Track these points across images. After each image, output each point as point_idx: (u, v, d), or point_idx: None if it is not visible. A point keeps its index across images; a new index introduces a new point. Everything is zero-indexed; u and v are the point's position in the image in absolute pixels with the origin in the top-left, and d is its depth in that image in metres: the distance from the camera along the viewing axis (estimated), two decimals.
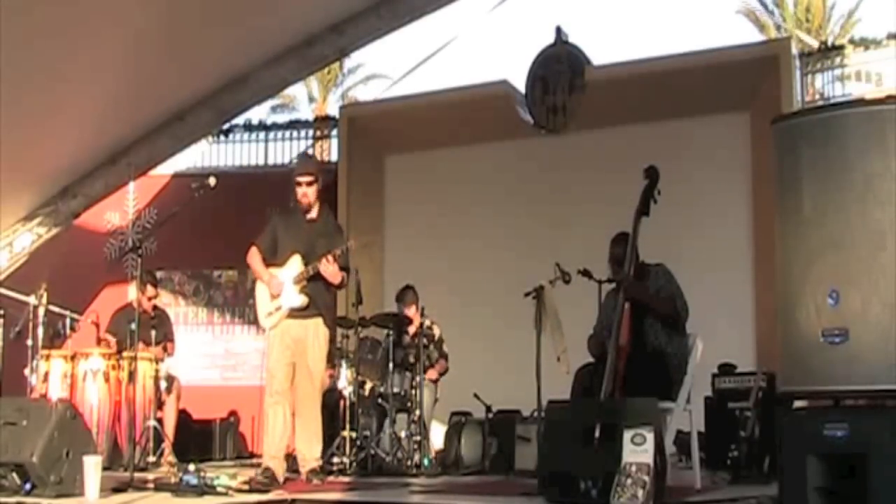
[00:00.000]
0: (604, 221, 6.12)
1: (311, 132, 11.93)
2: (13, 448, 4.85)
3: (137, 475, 5.59)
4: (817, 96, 9.57)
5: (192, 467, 5.23)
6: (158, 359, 7.78)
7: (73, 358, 7.46)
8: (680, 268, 5.84)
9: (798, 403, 4.03)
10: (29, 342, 7.18)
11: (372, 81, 23.20)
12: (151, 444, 7.34)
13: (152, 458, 7.28)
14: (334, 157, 11.30)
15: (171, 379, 7.88)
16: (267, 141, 11.62)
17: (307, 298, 5.98)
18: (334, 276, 5.96)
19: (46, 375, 7.34)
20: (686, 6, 38.70)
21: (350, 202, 10.40)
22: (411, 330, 7.78)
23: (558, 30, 10.28)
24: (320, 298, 6.06)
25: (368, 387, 7.75)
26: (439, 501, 5.25)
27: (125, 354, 7.44)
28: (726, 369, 7.35)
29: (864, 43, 9.53)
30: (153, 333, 7.69)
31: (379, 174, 11.04)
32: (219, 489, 5.09)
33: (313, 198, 6.11)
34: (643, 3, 37.89)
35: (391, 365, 7.49)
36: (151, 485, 5.38)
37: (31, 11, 6.63)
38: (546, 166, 10.00)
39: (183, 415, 8.29)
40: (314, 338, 6.03)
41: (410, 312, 8.00)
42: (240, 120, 11.17)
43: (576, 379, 5.70)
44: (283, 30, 8.78)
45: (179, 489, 5.05)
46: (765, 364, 7.14)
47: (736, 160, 9.17)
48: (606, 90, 9.53)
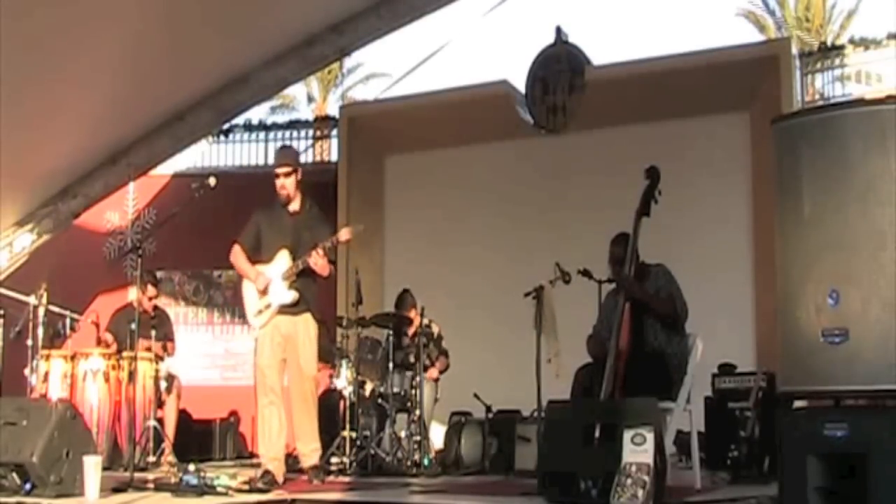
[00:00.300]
0: (604, 222, 6.11)
1: (311, 132, 11.93)
2: (13, 448, 4.85)
3: (137, 475, 5.59)
4: (817, 96, 9.58)
5: (192, 467, 5.23)
6: (158, 356, 7.78)
7: (73, 358, 7.47)
8: (680, 268, 5.84)
9: (798, 403, 4.02)
10: (29, 342, 7.18)
11: (372, 80, 23.21)
12: (151, 444, 7.34)
13: (152, 458, 7.28)
14: (334, 157, 11.31)
15: (172, 379, 7.88)
16: (267, 141, 11.62)
17: (297, 294, 5.92)
18: (324, 269, 5.89)
19: (46, 375, 7.35)
20: (686, 6, 38.74)
21: (350, 202, 10.40)
22: (411, 330, 7.78)
23: (558, 30, 10.29)
24: (309, 293, 6.00)
25: (368, 387, 7.76)
26: (439, 501, 5.25)
27: (125, 354, 7.45)
28: (726, 369, 7.35)
29: (864, 43, 9.53)
30: (153, 333, 7.70)
31: (379, 174, 11.04)
32: (219, 489, 5.09)
33: (292, 189, 6.02)
34: (643, 3, 37.90)
35: (391, 365, 7.49)
36: (151, 485, 5.37)
37: (32, 12, 6.63)
38: (546, 166, 10.00)
39: (183, 415, 8.28)
40: (304, 333, 5.98)
41: (412, 316, 7.99)
42: (240, 120, 11.18)
43: (576, 379, 5.70)
44: (283, 30, 8.78)
45: (179, 489, 5.06)
46: (765, 364, 7.14)
47: (736, 160, 9.17)
48: (606, 90, 9.53)
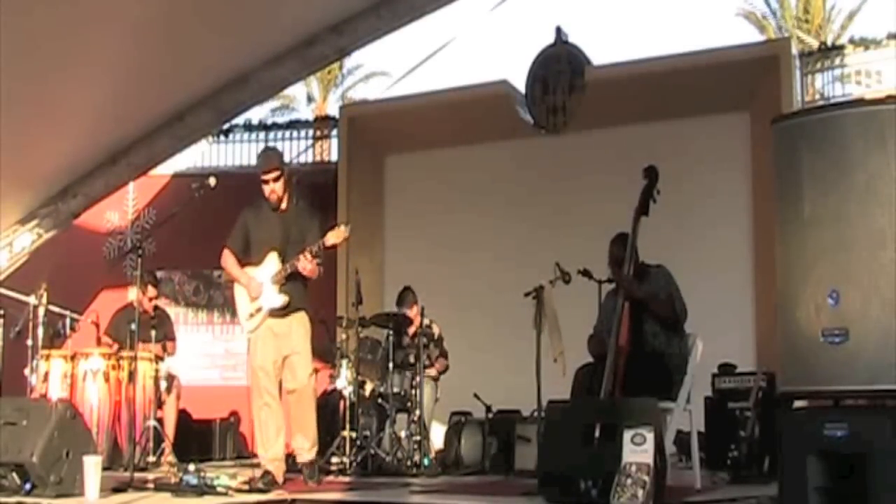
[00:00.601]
0: (604, 221, 6.11)
1: (311, 132, 11.93)
2: (13, 448, 4.85)
3: (137, 475, 5.59)
4: (817, 96, 9.57)
5: (192, 467, 5.24)
6: (158, 356, 7.78)
7: (73, 358, 7.47)
8: (680, 268, 5.84)
9: (798, 403, 4.02)
10: (29, 342, 7.18)
11: (372, 80, 23.24)
12: (151, 444, 7.34)
13: (152, 458, 7.28)
14: (334, 157, 11.31)
15: (172, 379, 7.88)
16: (267, 141, 11.61)
17: (287, 298, 5.86)
18: (312, 273, 5.85)
19: (46, 375, 7.35)
20: (686, 6, 38.73)
21: (350, 202, 10.41)
22: (411, 330, 7.78)
23: (558, 30, 10.29)
24: (299, 294, 5.94)
25: (368, 387, 7.76)
26: (439, 501, 5.26)
27: (125, 354, 7.44)
28: (726, 369, 7.35)
29: (864, 43, 9.52)
30: (153, 333, 7.70)
31: (379, 174, 11.04)
32: (219, 489, 5.09)
33: (281, 192, 5.99)
34: (643, 3, 37.90)
35: (391, 365, 7.49)
36: (151, 485, 5.38)
37: (32, 11, 6.63)
38: (546, 166, 10.00)
39: (183, 415, 8.28)
40: (298, 331, 5.93)
41: (411, 314, 8.00)
42: (240, 120, 11.17)
43: (576, 379, 5.70)
44: (283, 30, 8.77)
45: (179, 489, 5.06)
46: (765, 364, 7.13)
47: (736, 160, 9.17)
48: (606, 90, 9.53)
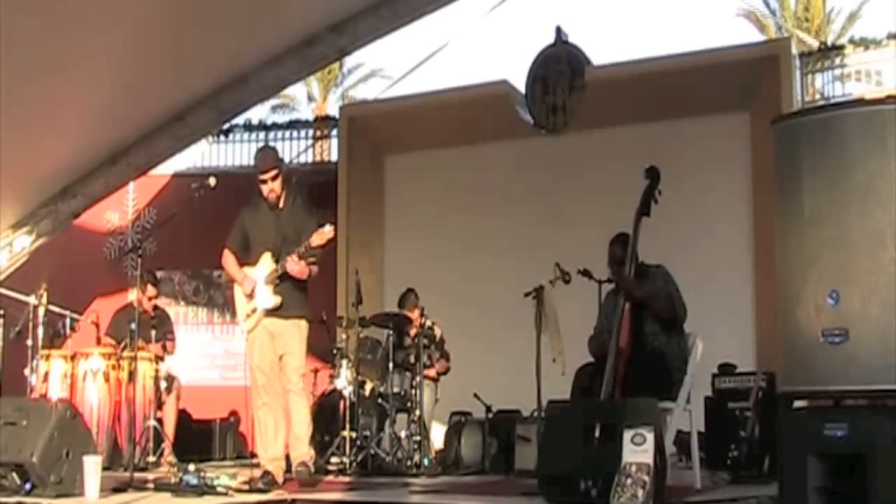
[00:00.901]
0: (604, 221, 6.12)
1: (311, 132, 11.92)
2: (13, 448, 4.85)
3: (137, 475, 5.59)
4: (817, 96, 9.57)
5: (192, 467, 5.23)
6: (158, 356, 7.78)
7: (73, 358, 7.47)
8: (680, 268, 5.84)
9: (798, 403, 4.02)
10: (29, 342, 7.18)
11: (372, 79, 23.25)
12: (151, 444, 7.34)
13: (152, 458, 7.28)
14: (334, 157, 11.30)
15: (171, 379, 7.88)
16: (267, 141, 11.60)
17: (280, 298, 5.81)
18: (301, 273, 5.78)
19: (46, 375, 7.35)
20: (686, 7, 38.74)
21: (350, 202, 10.41)
22: (412, 330, 7.77)
23: (558, 30, 10.28)
24: (294, 295, 5.87)
25: (368, 387, 7.75)
26: (439, 501, 5.26)
27: (125, 354, 7.44)
28: (726, 369, 7.34)
29: (864, 43, 9.51)
30: (153, 333, 7.70)
31: (379, 174, 11.04)
32: (219, 489, 5.09)
33: (280, 190, 5.95)
34: (643, 3, 37.90)
35: (391, 365, 7.49)
36: (151, 485, 5.38)
37: (32, 11, 6.63)
38: (546, 166, 10.00)
39: (183, 415, 8.28)
40: (291, 332, 5.86)
41: (413, 316, 7.99)
42: (240, 120, 11.17)
43: (576, 379, 5.70)
44: (283, 30, 8.77)
45: (179, 489, 5.06)
46: (765, 364, 7.14)
47: (736, 160, 9.17)
48: (606, 90, 9.53)
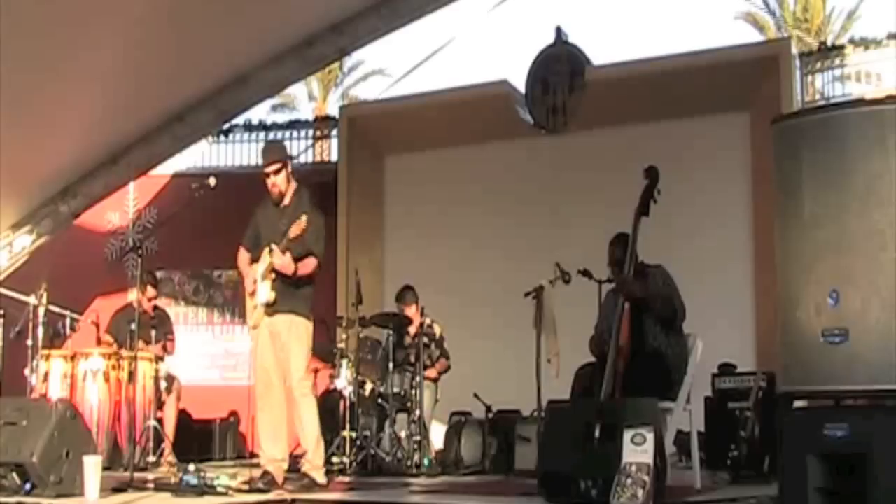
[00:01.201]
0: (604, 221, 6.12)
1: (311, 132, 11.92)
2: (13, 448, 4.85)
3: (137, 475, 5.59)
4: (817, 96, 9.56)
5: (192, 467, 5.23)
6: (158, 357, 7.78)
7: (73, 358, 7.47)
8: (680, 268, 5.84)
9: (798, 403, 4.02)
10: (29, 342, 7.19)
11: (372, 78, 23.25)
12: (151, 444, 7.34)
13: (152, 458, 7.28)
14: (334, 157, 11.30)
15: (171, 379, 7.88)
16: (267, 141, 11.59)
17: (273, 294, 5.70)
18: (284, 268, 5.62)
19: (46, 375, 7.35)
20: (686, 7, 38.74)
21: (350, 202, 10.41)
22: (412, 330, 7.78)
23: (558, 30, 10.28)
24: (289, 291, 5.74)
25: (368, 387, 7.76)
26: (439, 501, 5.26)
27: (125, 354, 7.44)
28: (726, 369, 7.34)
29: (864, 43, 9.51)
30: (153, 333, 7.70)
31: (379, 174, 11.04)
32: (219, 489, 5.10)
33: (283, 185, 5.89)
34: (643, 4, 37.90)
35: (391, 365, 7.49)
36: (151, 485, 5.38)
37: (32, 11, 6.63)
38: (546, 166, 10.00)
39: (183, 415, 8.28)
40: (289, 333, 5.75)
41: (410, 312, 8.00)
42: (240, 120, 11.16)
43: (576, 379, 5.71)
44: (283, 30, 8.77)
45: (179, 489, 5.06)
46: (765, 364, 7.14)
47: (736, 160, 9.17)
48: (606, 90, 9.53)
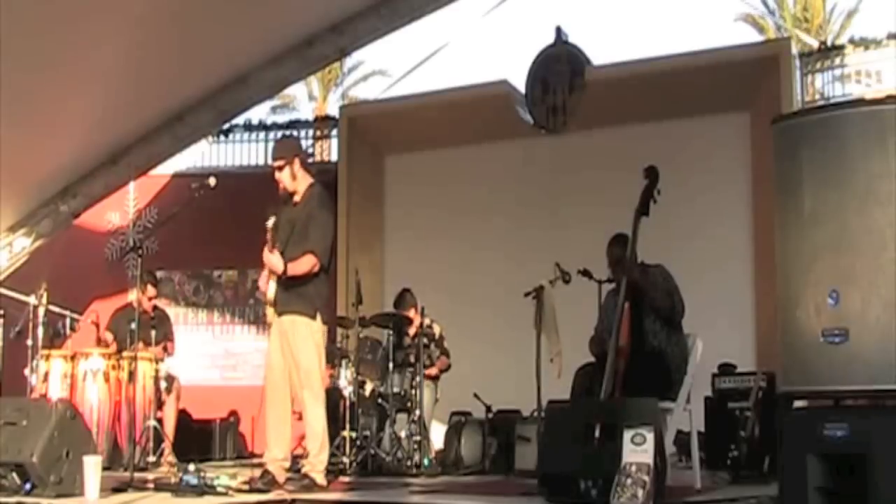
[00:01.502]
0: (604, 221, 6.11)
1: (311, 132, 11.93)
2: (13, 448, 4.85)
3: (137, 475, 5.59)
4: (817, 96, 9.56)
5: (192, 467, 5.22)
6: (158, 358, 7.78)
7: (73, 358, 7.47)
8: (680, 268, 5.84)
9: (798, 403, 4.02)
10: (29, 342, 7.19)
11: (372, 78, 23.22)
12: (151, 444, 7.33)
13: (152, 458, 7.27)
14: (334, 157, 11.31)
15: (171, 379, 7.88)
16: (267, 141, 11.60)
17: (273, 293, 5.68)
18: (273, 268, 5.57)
19: (46, 375, 7.35)
20: (686, 7, 38.73)
21: (350, 202, 10.40)
22: (411, 330, 7.77)
23: (558, 30, 10.28)
24: (291, 290, 5.67)
25: (368, 387, 7.76)
26: (439, 501, 5.25)
27: (125, 354, 7.45)
28: (726, 369, 7.34)
29: (864, 43, 9.51)
30: (153, 333, 7.70)
31: (379, 174, 11.04)
32: (219, 489, 5.09)
33: (288, 182, 5.81)
34: (643, 4, 37.89)
35: (391, 365, 7.49)
36: (151, 485, 5.38)
37: (32, 11, 6.64)
38: (546, 166, 10.00)
39: (183, 415, 8.28)
40: (293, 331, 5.71)
41: (412, 316, 7.99)
42: (240, 120, 11.17)
43: (576, 379, 5.71)
44: (283, 30, 8.79)
45: (179, 489, 5.05)
46: (765, 364, 7.14)
47: (736, 160, 9.17)
48: (606, 90, 9.53)
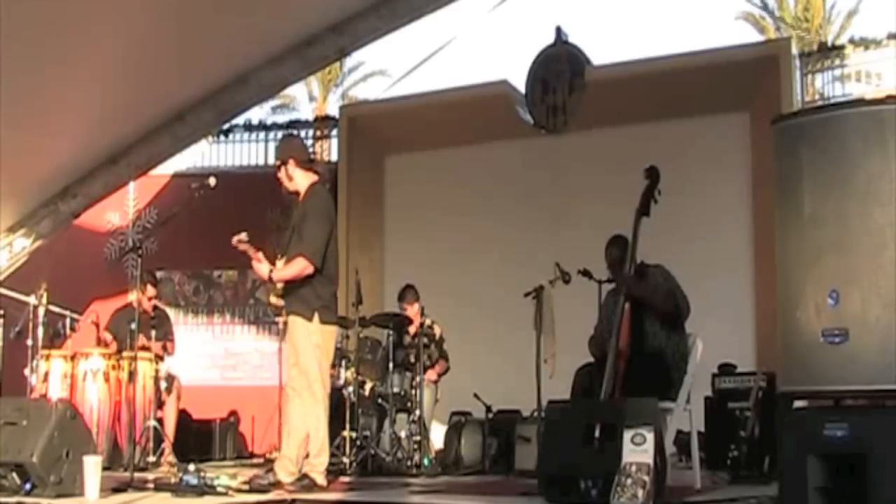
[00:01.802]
0: (604, 221, 6.12)
1: (311, 132, 11.93)
2: (13, 448, 4.85)
3: (137, 475, 5.59)
4: (817, 96, 9.56)
5: (192, 467, 5.23)
6: (158, 356, 7.78)
7: (73, 358, 7.47)
8: (680, 268, 5.84)
9: (798, 403, 4.02)
10: (29, 342, 7.19)
11: (372, 79, 23.24)
12: (151, 444, 7.34)
13: (152, 458, 7.28)
14: (334, 157, 11.31)
15: (171, 379, 7.88)
16: (267, 141, 11.60)
17: (269, 289, 5.71)
18: (260, 276, 5.61)
19: (46, 375, 7.35)
20: (686, 7, 38.74)
21: (350, 202, 10.40)
22: (412, 330, 7.78)
23: (558, 30, 10.28)
24: (291, 292, 5.67)
25: (368, 387, 7.76)
26: (439, 501, 5.26)
27: (125, 354, 7.45)
28: (726, 369, 7.35)
29: (864, 43, 9.50)
30: (153, 333, 7.71)
31: (379, 174, 11.03)
32: (219, 489, 5.09)
33: (287, 182, 5.80)
34: (643, 4, 37.90)
35: (391, 365, 7.49)
36: (151, 485, 5.38)
37: (32, 12, 6.63)
38: (546, 166, 9.99)
39: (183, 415, 8.28)
40: (290, 333, 5.71)
41: (412, 311, 8.01)
42: (240, 120, 11.17)
43: (576, 379, 5.71)
44: (283, 30, 8.78)
45: (179, 489, 5.06)
46: (765, 364, 7.14)
47: (736, 160, 9.16)
48: (606, 90, 9.52)
